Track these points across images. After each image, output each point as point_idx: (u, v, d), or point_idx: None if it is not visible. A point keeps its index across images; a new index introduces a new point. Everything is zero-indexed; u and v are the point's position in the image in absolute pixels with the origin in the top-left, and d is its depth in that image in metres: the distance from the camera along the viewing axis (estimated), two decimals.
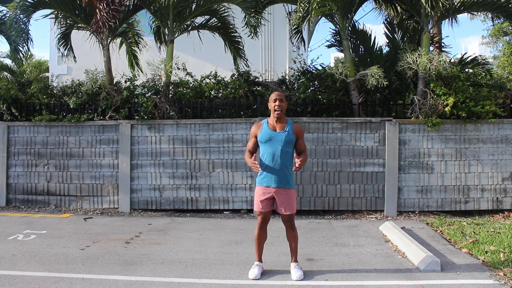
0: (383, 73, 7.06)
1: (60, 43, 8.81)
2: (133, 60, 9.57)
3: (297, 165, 3.85)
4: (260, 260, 4.22)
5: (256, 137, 4.10)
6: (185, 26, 8.20)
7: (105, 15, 7.09)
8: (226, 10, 8.01)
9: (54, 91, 8.34)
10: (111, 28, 7.70)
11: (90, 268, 4.35)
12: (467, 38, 67.21)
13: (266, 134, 4.02)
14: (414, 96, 7.28)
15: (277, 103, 3.98)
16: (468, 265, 4.43)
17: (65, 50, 8.93)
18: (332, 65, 10.63)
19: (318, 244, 5.34)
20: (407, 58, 7.28)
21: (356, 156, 7.23)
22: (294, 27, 8.05)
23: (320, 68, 8.35)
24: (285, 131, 4.00)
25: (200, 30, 8.57)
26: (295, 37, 8.46)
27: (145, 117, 7.51)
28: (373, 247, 5.16)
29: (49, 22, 10.00)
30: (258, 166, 3.91)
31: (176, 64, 7.90)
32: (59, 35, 8.65)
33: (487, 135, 7.18)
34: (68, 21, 8.33)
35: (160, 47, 8.83)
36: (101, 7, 7.14)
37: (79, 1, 7.72)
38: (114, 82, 8.15)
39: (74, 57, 9.06)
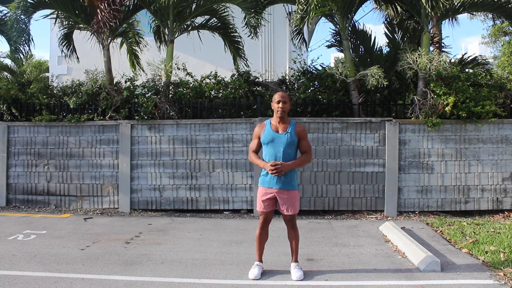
0: (383, 73, 7.06)
1: (63, 44, 8.82)
2: (134, 60, 9.58)
3: (270, 167, 3.85)
4: (260, 260, 4.22)
5: (259, 138, 4.10)
6: (185, 26, 8.20)
7: (106, 15, 7.10)
8: (226, 10, 8.01)
9: (54, 91, 8.35)
10: (112, 28, 7.71)
11: (90, 268, 4.35)
12: (468, 38, 67.25)
13: (268, 136, 4.01)
14: (414, 96, 7.28)
15: (280, 104, 3.97)
16: (468, 265, 4.43)
17: (68, 50, 8.94)
18: (332, 65, 10.64)
19: (318, 244, 5.34)
20: (407, 58, 7.27)
21: (356, 156, 7.23)
22: (295, 28, 8.05)
23: (320, 68, 8.35)
24: (287, 133, 3.99)
25: (200, 30, 8.58)
26: (296, 38, 8.47)
27: (145, 117, 7.51)
28: (373, 247, 5.16)
29: (49, 22, 10.04)
30: (277, 164, 3.87)
31: (176, 64, 7.90)
32: (61, 36, 8.67)
33: (487, 135, 7.18)
34: (69, 22, 8.33)
35: (160, 47, 8.83)
36: (102, 7, 7.15)
37: (81, 1, 7.72)
38: (114, 82, 8.15)
39: (77, 57, 9.07)
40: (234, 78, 8.13)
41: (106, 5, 7.12)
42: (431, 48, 8.76)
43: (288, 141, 3.97)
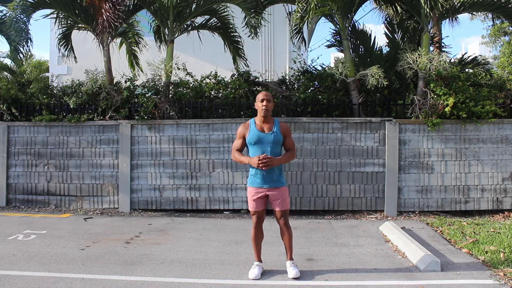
0: (383, 73, 7.06)
1: (61, 44, 8.80)
2: (133, 60, 9.58)
3: (258, 161, 3.84)
4: (259, 260, 4.22)
5: (244, 138, 4.11)
6: (185, 26, 8.20)
7: (111, 15, 7.10)
8: (225, 10, 8.02)
9: (54, 91, 8.34)
10: (116, 28, 7.70)
11: (90, 268, 4.35)
12: (468, 38, 67.28)
13: (254, 136, 4.03)
14: (414, 96, 7.27)
15: (264, 103, 3.99)
16: (468, 265, 4.43)
17: (66, 50, 8.92)
18: (332, 65, 10.63)
19: (318, 244, 5.34)
20: (407, 58, 7.27)
21: (356, 156, 7.23)
22: (295, 27, 8.05)
23: (320, 68, 8.35)
24: (273, 132, 4.02)
25: (200, 30, 8.58)
26: (296, 37, 8.46)
27: (145, 117, 7.51)
28: (373, 247, 5.16)
29: (49, 22, 10.01)
30: (266, 158, 3.86)
31: (176, 64, 7.90)
32: (59, 36, 8.65)
33: (487, 135, 7.18)
34: (69, 21, 8.33)
35: (160, 47, 8.83)
36: (107, 7, 7.15)
37: (80, 1, 7.72)
38: (114, 82, 8.15)
39: (75, 57, 9.06)
40: (234, 78, 8.13)
41: (111, 4, 7.12)
42: (431, 48, 8.76)
43: (274, 140, 4.00)
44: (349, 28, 8.08)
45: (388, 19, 9.27)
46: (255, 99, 4.13)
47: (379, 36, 26.47)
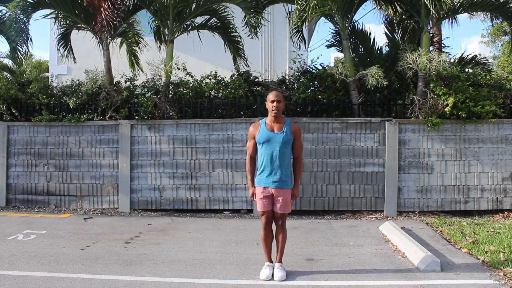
0: (383, 73, 7.06)
1: (60, 44, 8.80)
2: (133, 60, 9.58)
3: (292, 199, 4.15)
4: (270, 260, 4.21)
5: (254, 138, 4.11)
6: (185, 26, 8.20)
7: (110, 14, 7.10)
8: (225, 10, 8.02)
9: (54, 91, 8.34)
10: (115, 27, 7.70)
11: (90, 268, 4.35)
12: (468, 38, 67.30)
13: (264, 135, 4.03)
14: (414, 96, 7.28)
15: (274, 104, 3.99)
16: (468, 265, 4.44)
17: (65, 50, 8.91)
18: (332, 65, 10.63)
19: (318, 244, 5.34)
20: (407, 58, 7.28)
21: (356, 156, 7.23)
22: (294, 26, 8.05)
23: (320, 68, 8.35)
24: (283, 132, 4.02)
25: (200, 30, 8.58)
26: (296, 36, 8.46)
27: (145, 117, 7.51)
28: (373, 247, 5.17)
29: (49, 22, 10.00)
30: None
31: (176, 64, 7.90)
32: (59, 36, 8.65)
33: (487, 135, 7.18)
34: (68, 21, 8.33)
35: (160, 47, 8.83)
36: (105, 6, 7.15)
37: (79, 1, 7.72)
38: (114, 82, 8.15)
39: (74, 57, 9.05)
40: (234, 78, 8.13)
41: (109, 4, 7.12)
42: (431, 48, 8.76)
43: (284, 140, 3.99)
44: (349, 28, 8.08)
45: (388, 19, 9.26)
46: (266, 99, 4.14)
47: (379, 36, 26.44)
